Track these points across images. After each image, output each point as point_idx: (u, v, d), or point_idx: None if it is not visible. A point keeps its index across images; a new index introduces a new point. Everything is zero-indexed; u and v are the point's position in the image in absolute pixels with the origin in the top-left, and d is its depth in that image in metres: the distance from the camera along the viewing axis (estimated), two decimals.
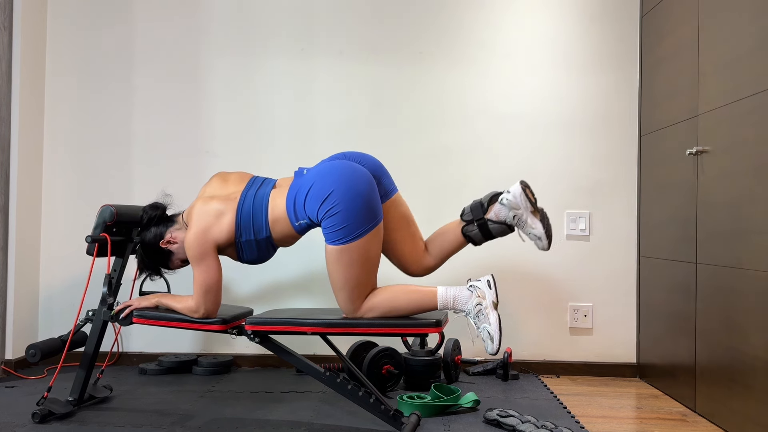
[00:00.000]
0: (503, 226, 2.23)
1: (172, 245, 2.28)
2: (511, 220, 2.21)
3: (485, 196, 2.27)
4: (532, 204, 2.20)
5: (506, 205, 2.20)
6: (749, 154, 2.12)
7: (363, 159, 2.25)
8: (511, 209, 2.19)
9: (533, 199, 2.21)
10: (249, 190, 2.22)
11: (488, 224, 2.24)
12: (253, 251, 2.20)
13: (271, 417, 2.32)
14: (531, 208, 2.20)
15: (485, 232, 2.25)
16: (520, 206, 2.19)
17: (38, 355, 2.29)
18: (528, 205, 2.20)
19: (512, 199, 2.18)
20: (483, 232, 2.25)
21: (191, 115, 3.22)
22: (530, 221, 2.20)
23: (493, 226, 2.23)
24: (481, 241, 2.27)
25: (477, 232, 2.25)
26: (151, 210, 2.33)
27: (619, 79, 3.12)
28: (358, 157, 2.25)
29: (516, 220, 2.21)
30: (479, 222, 2.24)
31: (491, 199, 2.25)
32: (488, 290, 2.08)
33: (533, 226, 2.19)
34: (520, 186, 2.19)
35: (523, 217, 2.20)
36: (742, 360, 2.15)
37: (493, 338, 2.02)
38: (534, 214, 2.20)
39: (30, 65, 3.10)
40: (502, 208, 2.21)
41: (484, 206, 2.25)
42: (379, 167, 2.26)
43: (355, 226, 2.03)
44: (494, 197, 2.24)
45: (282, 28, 3.21)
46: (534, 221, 2.19)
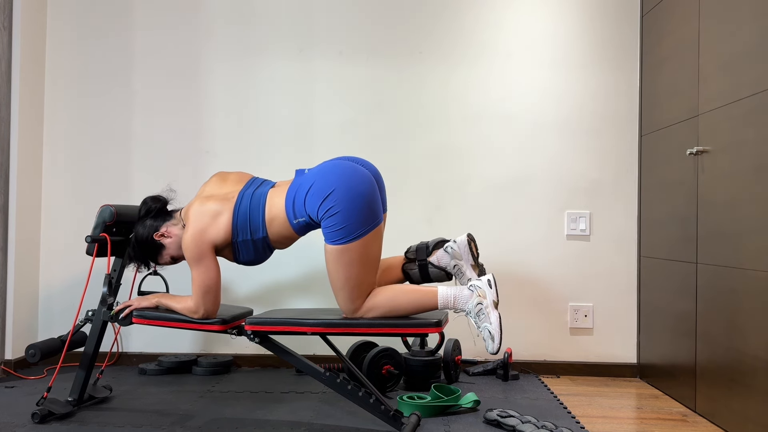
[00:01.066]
0: (442, 272, 2.31)
1: (165, 239, 2.27)
2: (451, 269, 2.30)
3: (432, 240, 2.35)
4: (474, 258, 2.30)
5: (450, 253, 2.28)
6: (749, 154, 2.12)
7: (365, 164, 2.25)
8: (453, 258, 2.28)
9: (476, 253, 2.31)
10: (247, 189, 2.22)
11: (429, 267, 2.31)
12: (249, 252, 2.20)
13: (271, 417, 2.32)
14: (471, 261, 2.30)
15: (424, 274, 2.32)
16: (462, 257, 2.28)
17: (38, 355, 2.29)
18: (470, 258, 2.29)
19: (456, 249, 2.28)
20: (422, 274, 2.32)
21: (191, 114, 3.22)
22: (468, 273, 2.29)
23: (433, 270, 2.31)
24: (419, 282, 2.33)
25: (416, 271, 2.32)
26: (151, 201, 2.33)
27: (620, 78, 3.11)
28: (360, 162, 2.25)
29: (455, 270, 2.29)
30: (421, 263, 2.32)
31: (437, 244, 2.32)
32: (489, 289, 2.08)
33: (470, 277, 2.27)
34: (466, 238, 2.29)
35: (463, 268, 2.29)
36: (743, 360, 2.15)
37: (494, 337, 2.02)
38: (473, 268, 2.30)
39: (30, 65, 3.10)
40: (445, 255, 2.29)
41: (428, 249, 2.33)
42: (378, 176, 2.26)
43: (355, 226, 2.02)
44: (440, 243, 2.32)
45: (281, 29, 3.21)
46: (472, 274, 2.29)
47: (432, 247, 2.33)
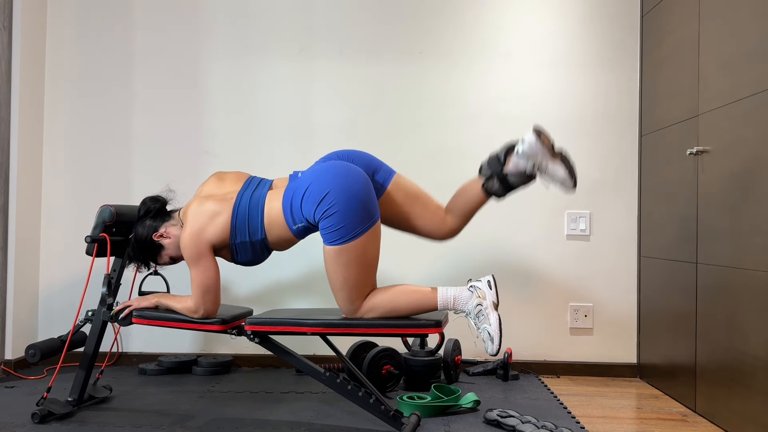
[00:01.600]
0: (524, 176, 2.17)
1: (164, 239, 2.27)
2: (531, 169, 2.15)
3: (500, 149, 2.21)
4: (550, 149, 2.13)
5: (522, 155, 2.14)
6: (749, 154, 2.12)
7: (355, 156, 2.25)
8: (528, 158, 2.14)
9: (550, 143, 2.13)
10: (245, 190, 2.21)
11: (509, 177, 2.18)
12: (247, 253, 2.19)
13: (271, 417, 2.32)
14: (549, 153, 2.13)
15: (506, 186, 2.20)
16: (538, 153, 2.13)
17: (38, 356, 2.29)
18: (545, 151, 2.13)
19: (528, 149, 2.12)
20: (504, 186, 2.20)
21: (191, 114, 3.22)
22: (551, 166, 2.14)
23: (513, 179, 2.18)
24: (504, 194, 2.21)
25: (499, 187, 2.20)
26: (151, 202, 2.33)
27: (620, 78, 3.11)
28: (350, 155, 2.25)
29: (536, 169, 2.15)
30: (499, 176, 2.19)
31: (507, 151, 2.18)
32: (489, 290, 2.08)
33: (555, 171, 2.14)
34: (534, 134, 2.12)
35: (543, 164, 2.14)
36: (743, 360, 2.15)
37: (493, 339, 2.02)
38: (554, 158, 2.13)
39: (30, 65, 3.10)
40: (520, 159, 2.15)
41: (500, 160, 2.19)
42: (370, 161, 2.26)
43: (352, 226, 2.02)
44: (510, 149, 2.18)
45: (281, 29, 3.20)
46: (555, 166, 2.14)
47: (503, 156, 2.18)
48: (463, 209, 2.29)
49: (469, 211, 2.29)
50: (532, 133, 2.13)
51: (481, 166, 2.25)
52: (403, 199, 2.28)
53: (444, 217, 2.31)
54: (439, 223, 2.30)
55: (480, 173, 2.26)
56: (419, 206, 2.29)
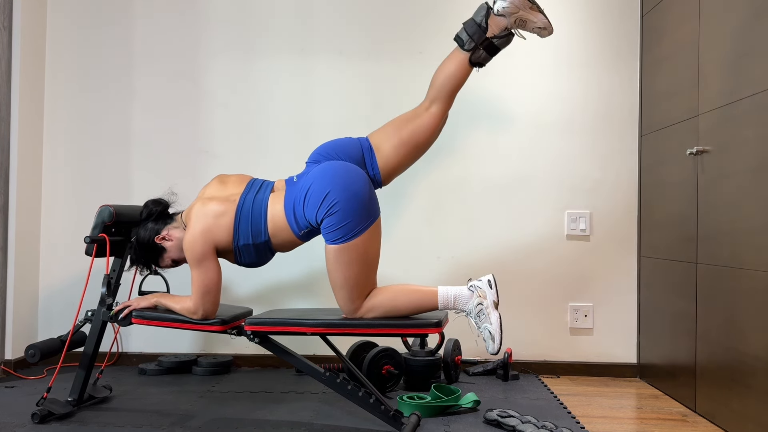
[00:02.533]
0: (508, 36, 2.16)
1: (166, 242, 2.27)
2: (512, 25, 2.14)
3: (478, 16, 2.16)
4: (530, 1, 2.14)
5: (504, 13, 2.12)
6: (749, 154, 2.12)
7: (340, 149, 2.23)
8: (510, 15, 2.12)
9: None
10: (248, 193, 2.21)
11: (494, 41, 2.16)
12: (251, 255, 2.20)
13: (271, 417, 2.32)
14: (529, 5, 2.14)
15: (492, 51, 2.18)
16: (519, 8, 2.12)
17: (38, 356, 2.29)
18: (526, 3, 2.13)
19: (509, 6, 2.11)
20: (491, 53, 2.18)
21: (191, 114, 3.22)
22: (532, 17, 2.14)
23: (499, 41, 2.16)
24: (486, 63, 2.20)
25: (485, 54, 2.17)
26: (153, 205, 2.33)
27: (620, 78, 3.11)
28: (335, 149, 2.23)
29: (518, 23, 2.14)
30: (484, 44, 2.15)
31: (486, 15, 2.14)
32: (489, 290, 2.08)
33: (534, 20, 2.14)
34: None
35: (524, 16, 2.13)
36: (743, 360, 2.15)
37: (494, 338, 2.02)
38: (533, 11, 2.14)
39: (30, 65, 3.10)
40: (501, 18, 2.13)
41: (482, 26, 2.15)
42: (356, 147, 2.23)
43: (353, 224, 2.03)
44: (487, 12, 2.14)
45: (282, 28, 3.20)
46: (537, 17, 2.14)
47: (484, 21, 2.13)
48: (449, 90, 2.23)
49: (454, 90, 2.24)
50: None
51: (461, 39, 2.18)
52: (396, 150, 2.22)
53: (429, 112, 2.24)
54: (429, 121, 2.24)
55: (463, 47, 2.18)
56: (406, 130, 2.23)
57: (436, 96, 2.25)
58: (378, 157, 2.23)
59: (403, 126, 2.25)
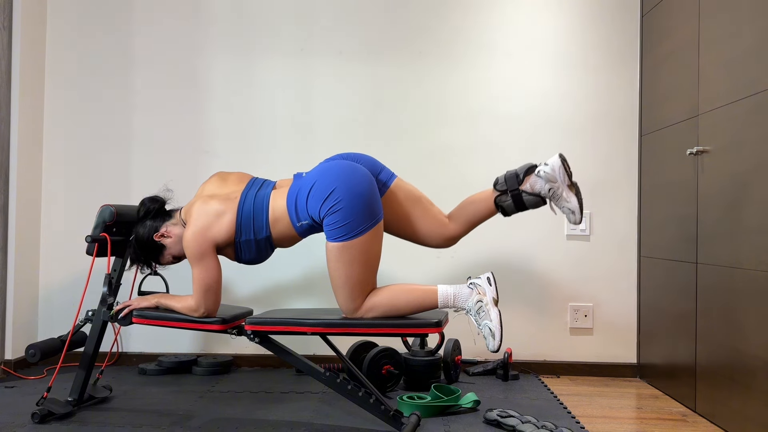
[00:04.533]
0: (537, 198, 2.21)
1: (166, 239, 2.28)
2: (546, 193, 2.19)
3: (521, 168, 2.24)
4: (569, 177, 2.19)
5: (543, 177, 2.18)
6: (749, 154, 2.12)
7: (359, 158, 2.27)
8: (547, 182, 2.17)
9: (570, 172, 2.19)
10: (249, 190, 2.22)
11: (522, 196, 2.21)
12: (251, 251, 2.20)
13: (271, 417, 2.32)
14: (568, 182, 2.18)
15: (518, 204, 2.23)
16: (557, 179, 2.17)
17: (38, 355, 2.29)
18: (565, 179, 2.18)
19: (550, 172, 2.16)
20: (516, 203, 2.23)
21: (191, 114, 3.22)
22: (565, 195, 2.18)
23: (528, 197, 2.21)
24: (512, 212, 2.25)
25: (510, 203, 2.23)
26: (149, 202, 2.33)
27: (620, 78, 3.11)
28: (354, 157, 2.26)
29: (551, 193, 2.19)
30: (513, 193, 2.22)
31: (527, 170, 2.22)
32: (488, 287, 2.08)
33: (568, 200, 2.18)
34: (559, 159, 2.17)
35: (559, 191, 2.18)
36: (742, 360, 2.15)
37: (494, 335, 2.02)
38: (570, 188, 2.18)
39: (30, 65, 3.10)
40: (539, 180, 2.19)
41: (519, 177, 2.22)
42: (374, 163, 2.28)
43: (356, 223, 2.03)
44: (531, 169, 2.22)
45: (281, 28, 3.21)
46: (569, 195, 2.18)
47: (523, 174, 2.21)
48: (469, 218, 2.30)
49: (474, 221, 2.31)
50: (557, 158, 2.18)
51: (497, 179, 2.27)
52: (405, 199, 2.29)
53: (445, 222, 2.32)
54: (439, 227, 2.30)
55: (495, 187, 2.27)
56: (420, 208, 2.30)
57: (457, 217, 2.31)
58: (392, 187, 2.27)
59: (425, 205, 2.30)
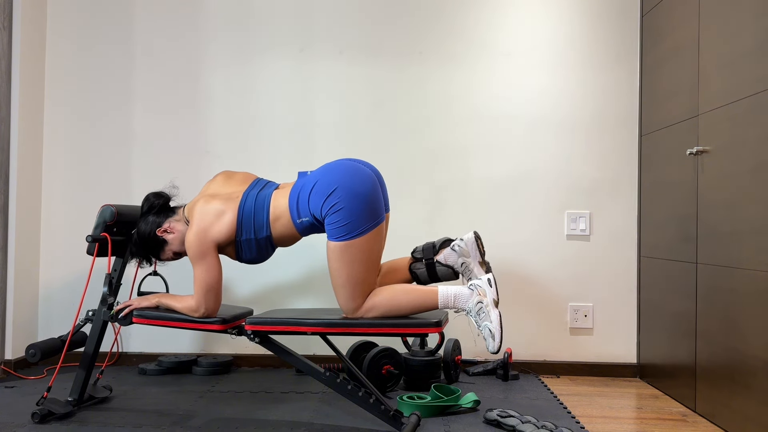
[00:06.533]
0: (450, 270, 2.33)
1: (168, 235, 2.28)
2: (458, 267, 2.32)
3: (438, 240, 2.37)
4: (481, 254, 2.32)
5: (457, 251, 2.31)
6: (749, 154, 2.12)
7: (367, 165, 2.26)
8: (460, 255, 2.31)
9: (483, 250, 2.32)
10: (251, 190, 2.22)
11: (436, 266, 2.33)
12: (252, 250, 2.21)
13: (271, 417, 2.32)
14: (479, 258, 2.31)
15: (431, 273, 2.34)
16: (470, 254, 2.31)
17: (38, 355, 2.29)
18: (477, 255, 2.31)
19: (464, 247, 2.30)
20: (429, 273, 2.34)
21: (191, 114, 3.22)
22: (476, 270, 2.30)
23: (440, 268, 2.33)
24: (426, 282, 2.35)
25: (424, 271, 2.34)
26: (154, 198, 2.34)
27: (620, 78, 3.12)
28: (362, 163, 2.26)
29: (463, 268, 2.32)
30: (428, 262, 2.33)
31: (444, 243, 2.35)
32: (489, 288, 2.09)
33: (478, 275, 2.28)
34: (473, 235, 2.31)
35: (470, 266, 2.32)
36: (743, 360, 2.15)
37: (494, 336, 2.03)
38: (481, 265, 2.32)
39: (30, 65, 3.10)
40: (452, 253, 2.31)
41: (435, 248, 2.34)
42: (380, 177, 2.27)
43: (358, 222, 2.03)
44: (447, 242, 2.35)
45: (282, 29, 3.21)
46: (480, 271, 2.30)
47: (439, 246, 2.35)
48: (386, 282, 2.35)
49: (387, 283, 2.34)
50: (471, 234, 2.31)
51: (416, 248, 2.39)
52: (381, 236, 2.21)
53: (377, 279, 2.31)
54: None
55: (413, 254, 2.38)
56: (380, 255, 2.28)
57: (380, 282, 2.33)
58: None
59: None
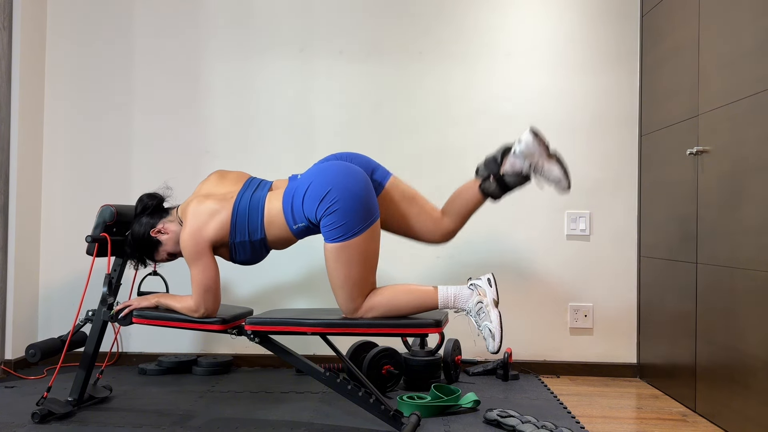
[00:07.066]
0: (520, 177, 2.23)
1: (162, 236, 2.28)
2: (528, 169, 2.21)
3: (497, 150, 2.26)
4: (546, 149, 2.19)
5: (520, 155, 2.19)
6: (749, 154, 2.12)
7: (354, 158, 2.27)
8: (525, 158, 2.19)
9: (545, 144, 2.19)
10: (245, 191, 2.22)
11: (505, 178, 2.23)
12: (246, 252, 2.20)
13: (271, 417, 2.32)
14: (545, 153, 2.19)
15: (503, 186, 2.24)
16: (534, 153, 2.18)
17: (38, 355, 2.29)
18: (542, 151, 2.18)
19: (525, 149, 2.18)
20: (501, 187, 2.24)
21: (191, 115, 3.22)
22: (547, 166, 2.20)
23: (510, 179, 2.23)
24: (500, 196, 2.26)
25: (495, 188, 2.25)
26: (147, 199, 2.34)
27: (620, 78, 3.11)
28: (349, 157, 2.27)
29: (532, 168, 2.21)
30: (496, 177, 2.24)
31: (504, 152, 2.24)
32: (489, 288, 2.08)
33: (551, 170, 2.20)
34: (530, 134, 2.18)
35: (539, 164, 2.19)
36: (742, 360, 2.15)
37: (494, 336, 2.02)
38: (549, 159, 2.20)
39: (30, 65, 3.10)
40: (517, 159, 2.21)
41: (497, 161, 2.24)
42: (368, 162, 2.28)
43: (353, 223, 2.03)
44: (506, 150, 2.23)
45: (282, 28, 3.21)
46: (550, 165, 2.20)
47: (500, 157, 2.24)
48: (460, 211, 2.31)
49: (465, 213, 2.32)
50: (529, 133, 2.18)
51: (478, 167, 2.30)
52: (400, 198, 2.29)
53: (440, 218, 2.32)
54: (434, 224, 2.31)
55: (477, 175, 2.30)
56: (415, 207, 2.31)
57: (449, 212, 2.32)
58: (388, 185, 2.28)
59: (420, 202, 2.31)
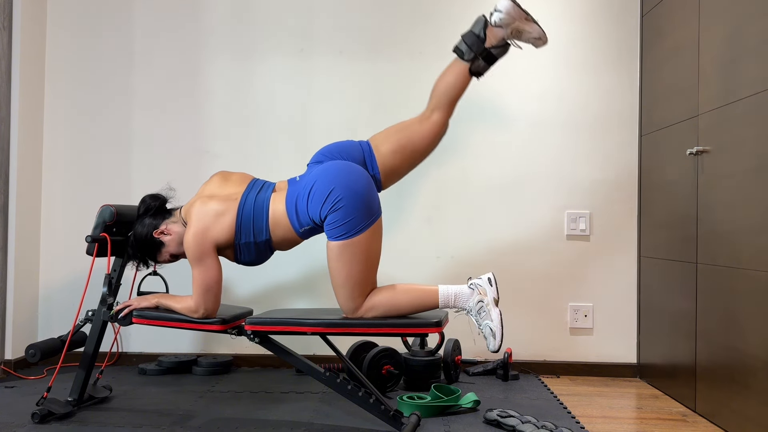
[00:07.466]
0: (503, 46, 2.24)
1: (165, 237, 2.27)
2: (509, 36, 2.22)
3: (476, 27, 2.23)
4: (525, 12, 2.21)
5: (501, 23, 2.20)
6: (749, 154, 2.12)
7: (342, 150, 2.25)
8: (506, 26, 2.20)
9: (523, 9, 2.21)
10: (250, 192, 2.22)
11: (492, 51, 2.23)
12: (251, 253, 2.20)
13: (271, 417, 2.32)
14: (524, 15, 2.21)
15: (491, 60, 2.25)
16: (515, 18, 2.20)
17: (38, 355, 2.29)
18: (521, 13, 2.20)
19: (506, 17, 2.19)
20: (489, 61, 2.25)
21: (191, 114, 3.22)
22: (527, 27, 2.22)
23: (496, 50, 2.23)
24: (486, 71, 2.27)
25: (484, 65, 2.25)
26: (150, 200, 2.34)
27: (620, 78, 3.11)
28: (339, 150, 2.25)
29: (515, 34, 2.22)
30: (483, 54, 2.22)
31: (483, 27, 2.21)
32: (489, 287, 2.09)
33: (531, 30, 2.22)
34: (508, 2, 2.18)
35: (521, 26, 2.21)
36: (742, 360, 2.15)
37: (495, 334, 2.03)
38: (527, 22, 2.22)
39: (30, 65, 3.10)
40: (499, 29, 2.21)
41: (481, 37, 2.21)
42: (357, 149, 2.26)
43: (356, 221, 2.03)
44: (485, 24, 2.21)
45: (282, 28, 3.21)
46: (531, 27, 2.22)
47: (483, 33, 2.20)
48: (450, 99, 2.29)
49: (454, 99, 2.30)
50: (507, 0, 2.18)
51: (460, 50, 2.24)
52: (394, 151, 2.26)
53: (428, 118, 2.29)
54: (429, 129, 2.28)
55: (463, 57, 2.24)
56: (406, 133, 2.28)
57: (437, 105, 2.29)
58: (377, 158, 2.25)
59: (403, 131, 2.29)
